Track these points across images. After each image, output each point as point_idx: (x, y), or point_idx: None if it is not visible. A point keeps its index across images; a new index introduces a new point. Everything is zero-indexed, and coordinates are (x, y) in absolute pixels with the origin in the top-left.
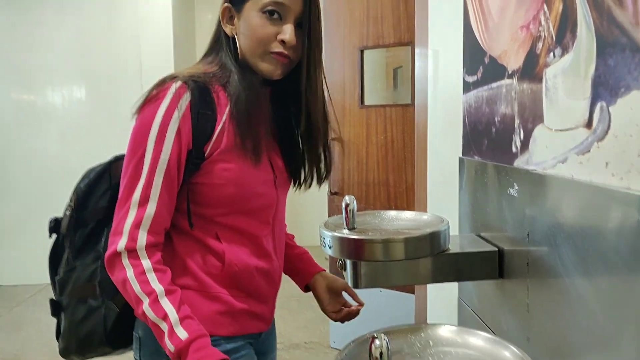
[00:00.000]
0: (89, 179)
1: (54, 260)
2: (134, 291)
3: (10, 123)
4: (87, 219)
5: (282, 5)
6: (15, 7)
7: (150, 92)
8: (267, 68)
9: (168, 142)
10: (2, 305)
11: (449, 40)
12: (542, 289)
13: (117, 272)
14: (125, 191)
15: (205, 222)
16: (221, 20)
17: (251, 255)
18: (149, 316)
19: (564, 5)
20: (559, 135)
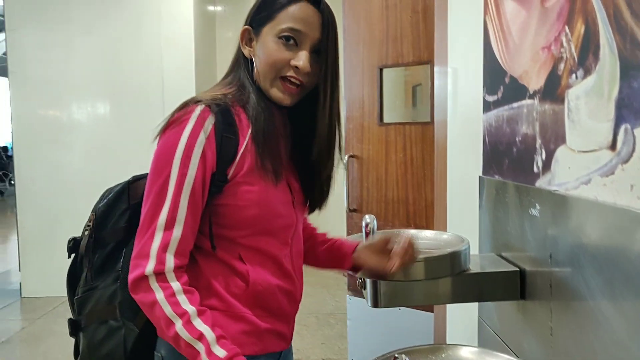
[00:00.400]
0: (108, 199)
1: (72, 280)
2: (164, 313)
3: (37, 138)
4: (106, 239)
5: (299, 32)
6: (45, 27)
7: (173, 115)
8: (276, 94)
9: (193, 165)
10: (25, 317)
11: (468, 59)
12: (567, 312)
13: (144, 295)
14: (149, 213)
15: (229, 244)
16: (240, 42)
17: (273, 275)
18: (182, 337)
19: (586, 27)
20: (582, 156)
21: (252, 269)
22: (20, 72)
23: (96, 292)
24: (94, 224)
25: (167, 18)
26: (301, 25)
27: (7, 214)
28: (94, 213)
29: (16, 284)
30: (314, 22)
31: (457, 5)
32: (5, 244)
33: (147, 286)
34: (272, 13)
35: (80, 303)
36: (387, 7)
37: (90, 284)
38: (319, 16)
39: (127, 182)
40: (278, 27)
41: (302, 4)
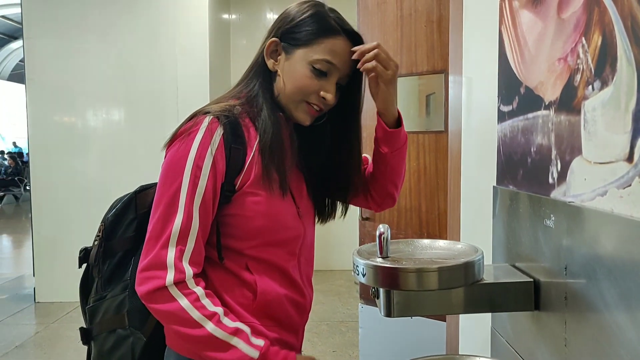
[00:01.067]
0: (116, 209)
1: (85, 289)
2: (192, 318)
3: (53, 144)
4: (115, 249)
5: (333, 66)
6: (62, 36)
7: (182, 126)
8: (300, 116)
9: (204, 175)
10: (39, 322)
11: (483, 68)
12: (582, 324)
13: (165, 304)
14: (159, 223)
15: (236, 255)
16: (265, 53)
17: (281, 285)
18: (217, 335)
19: (603, 39)
20: (598, 168)
21: (260, 279)
22: (37, 79)
23: (105, 302)
24: (103, 234)
25: (182, 26)
26: (337, 60)
27: (22, 219)
28: (103, 223)
29: (30, 289)
30: (348, 59)
31: (472, 16)
32: (20, 249)
33: (169, 295)
34: (311, 38)
35: (91, 312)
36: (402, 16)
37: (101, 294)
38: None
39: (135, 192)
40: (314, 56)
41: (342, 39)
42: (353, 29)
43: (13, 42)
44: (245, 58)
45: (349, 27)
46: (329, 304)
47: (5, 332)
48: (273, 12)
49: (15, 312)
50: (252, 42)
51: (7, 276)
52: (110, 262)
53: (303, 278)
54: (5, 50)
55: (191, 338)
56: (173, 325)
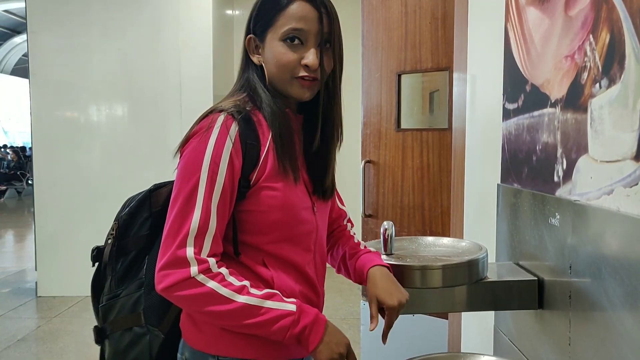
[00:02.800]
0: (130, 207)
1: (97, 288)
2: (221, 295)
3: (56, 139)
4: (128, 247)
5: (301, 31)
6: (65, 31)
7: (197, 124)
8: (296, 92)
9: (222, 171)
10: (41, 316)
11: (488, 66)
12: (586, 323)
13: (194, 291)
14: (177, 219)
15: (252, 250)
16: (247, 51)
17: (296, 282)
18: (250, 302)
19: (611, 37)
20: (605, 166)
21: (277, 275)
22: (41, 74)
23: (120, 300)
24: (117, 233)
25: (185, 22)
26: (302, 24)
27: (24, 213)
28: (117, 222)
29: (32, 283)
30: (314, 18)
31: (478, 12)
32: (22, 242)
33: (196, 282)
34: (271, 18)
35: (104, 311)
36: (407, 13)
37: (114, 292)
38: (316, 10)
39: (149, 191)
40: (280, 30)
41: (298, 2)
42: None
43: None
44: None
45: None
46: (331, 301)
47: (7, 326)
48: None
49: (17, 306)
50: None
51: (10, 270)
52: (124, 261)
53: (318, 275)
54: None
55: (225, 314)
56: (204, 307)
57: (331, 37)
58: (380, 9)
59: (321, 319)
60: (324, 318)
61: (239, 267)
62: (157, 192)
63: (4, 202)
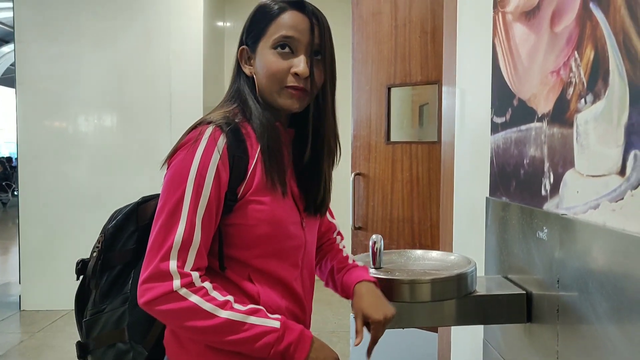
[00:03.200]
0: (117, 220)
1: (80, 302)
2: (204, 310)
3: (43, 149)
4: (114, 261)
5: (292, 39)
6: (54, 41)
7: (185, 136)
8: (285, 102)
9: (207, 184)
10: (24, 331)
11: (476, 80)
12: (573, 337)
13: (175, 305)
14: (161, 234)
15: (238, 265)
16: (239, 62)
17: (283, 297)
18: (233, 318)
19: (595, 53)
20: (591, 181)
21: (263, 290)
22: (28, 84)
23: (104, 315)
24: (103, 246)
25: (176, 33)
26: (292, 32)
27: (8, 225)
28: (103, 234)
29: (16, 296)
30: (305, 27)
31: (466, 27)
32: (6, 255)
33: (179, 296)
34: (263, 28)
35: (88, 326)
36: (397, 26)
37: (98, 307)
38: (308, 20)
39: (136, 203)
40: (271, 38)
41: (289, 12)
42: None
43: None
44: None
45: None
46: (319, 314)
47: None
48: None
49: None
50: None
51: None
52: (109, 275)
53: (305, 291)
54: None
55: (208, 329)
56: (186, 322)
57: (322, 49)
58: (370, 22)
59: (307, 335)
60: (309, 334)
61: (225, 282)
62: (144, 205)
63: None
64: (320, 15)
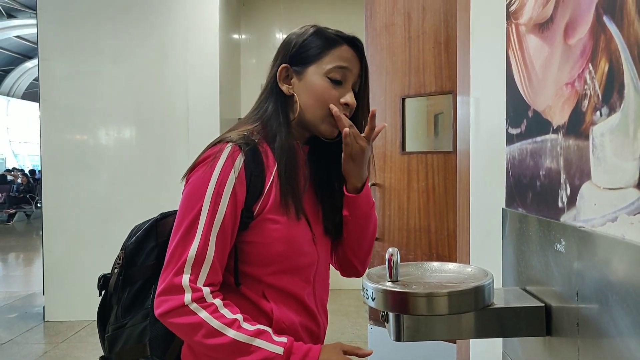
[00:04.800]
0: (137, 237)
1: (103, 317)
2: (213, 327)
3: (65, 163)
4: (135, 277)
5: (346, 70)
6: (75, 58)
7: (204, 153)
8: (327, 130)
9: (224, 202)
10: (48, 341)
11: (491, 90)
12: (595, 351)
13: (186, 319)
14: (178, 248)
15: (253, 281)
16: (278, 80)
17: (296, 313)
18: (239, 339)
19: (610, 66)
20: (608, 193)
21: (277, 307)
22: (51, 100)
23: (126, 330)
24: (123, 262)
25: (193, 47)
26: (348, 64)
27: (32, 236)
28: (123, 250)
29: (40, 307)
30: (355, 63)
31: (480, 38)
32: (30, 266)
33: (188, 311)
34: (319, 53)
35: (111, 340)
36: (410, 38)
37: (121, 322)
38: (357, 57)
39: (155, 220)
40: (327, 66)
41: (345, 47)
42: (352, 35)
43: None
44: (255, 77)
45: (348, 34)
46: (337, 324)
47: (15, 352)
48: (282, 32)
49: (24, 331)
50: (262, 61)
51: (18, 294)
52: (130, 290)
53: (318, 306)
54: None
55: (215, 347)
56: (195, 337)
57: (362, 85)
58: (384, 34)
59: (311, 357)
60: (315, 353)
61: (239, 298)
62: (163, 221)
63: (12, 226)
64: (364, 53)
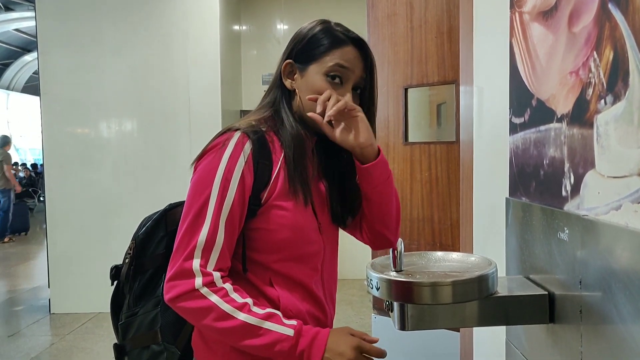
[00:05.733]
0: (146, 227)
1: (116, 306)
2: (223, 310)
3: (67, 156)
4: (145, 266)
5: (346, 70)
6: (76, 49)
7: (212, 141)
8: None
9: (232, 188)
10: (55, 333)
11: (494, 79)
12: (598, 338)
13: (196, 303)
14: (186, 235)
15: (260, 268)
16: (282, 74)
17: (303, 301)
18: (249, 322)
19: (614, 54)
20: (612, 182)
21: (283, 294)
22: (51, 93)
23: (138, 318)
24: (134, 252)
25: (194, 39)
26: (348, 65)
27: (36, 229)
28: (134, 241)
29: (45, 300)
30: (359, 64)
31: (483, 27)
32: (35, 260)
33: (199, 295)
34: (321, 52)
35: (124, 328)
36: (412, 28)
37: (132, 310)
38: (362, 58)
39: (164, 210)
40: (326, 65)
41: (349, 47)
42: (358, 36)
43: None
44: (256, 68)
45: (354, 35)
46: (341, 314)
47: (21, 344)
48: (283, 23)
49: (30, 324)
50: (263, 52)
51: (23, 287)
52: (142, 279)
53: (326, 295)
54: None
55: (225, 330)
56: (205, 321)
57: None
58: (386, 25)
59: (321, 338)
60: (325, 335)
61: (246, 285)
62: (172, 211)
63: None
64: (372, 55)
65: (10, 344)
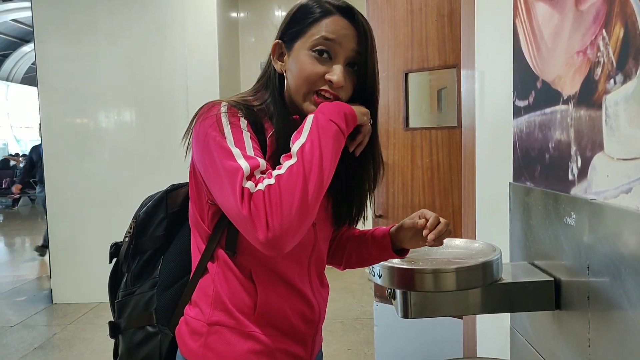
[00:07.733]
0: (147, 207)
1: (113, 283)
2: (286, 178)
3: (66, 146)
4: (145, 246)
5: (332, 42)
6: (72, 38)
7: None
8: (309, 108)
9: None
10: (56, 324)
11: (497, 62)
12: (606, 324)
13: (274, 195)
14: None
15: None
16: (272, 57)
17: (285, 295)
18: (301, 157)
19: (625, 31)
20: (622, 164)
21: (262, 289)
22: (49, 83)
23: (134, 297)
24: (134, 231)
25: (191, 26)
26: (334, 37)
27: (37, 220)
28: (135, 220)
29: (47, 290)
30: (348, 35)
31: (485, 9)
32: None
33: (269, 187)
34: (304, 27)
35: (120, 306)
36: (412, 11)
37: (130, 289)
38: (354, 28)
39: (166, 191)
40: (311, 39)
41: (335, 16)
42: (347, 4)
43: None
44: (254, 56)
45: (340, 3)
46: (342, 302)
47: (24, 334)
48: (281, 9)
49: (33, 314)
50: (261, 39)
51: (25, 277)
52: (140, 259)
53: (314, 289)
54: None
55: (303, 184)
56: (298, 194)
57: (366, 59)
58: (385, 7)
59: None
60: None
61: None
62: (173, 193)
63: (17, 210)
64: (368, 27)
65: (13, 334)
